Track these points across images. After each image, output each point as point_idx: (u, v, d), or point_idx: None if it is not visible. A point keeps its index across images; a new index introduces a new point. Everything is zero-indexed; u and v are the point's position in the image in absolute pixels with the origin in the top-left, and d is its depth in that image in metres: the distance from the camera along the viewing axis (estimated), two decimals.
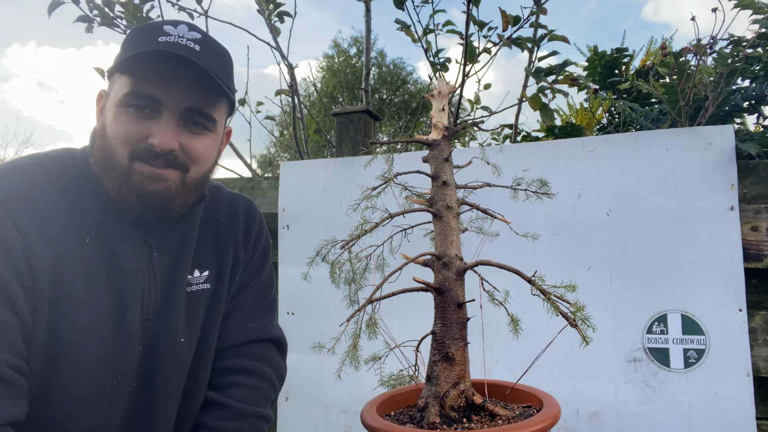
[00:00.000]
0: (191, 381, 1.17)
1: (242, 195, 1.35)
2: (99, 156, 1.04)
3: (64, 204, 1.02)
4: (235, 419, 1.16)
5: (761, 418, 1.55)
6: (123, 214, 1.06)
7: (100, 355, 1.02)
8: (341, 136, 2.21)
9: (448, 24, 2.34)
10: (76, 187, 1.05)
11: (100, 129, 1.06)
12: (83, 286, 1.01)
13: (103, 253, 1.04)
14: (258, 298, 1.30)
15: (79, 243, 1.02)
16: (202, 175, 1.11)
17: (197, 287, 1.17)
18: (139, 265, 1.08)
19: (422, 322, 1.22)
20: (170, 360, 1.11)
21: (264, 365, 1.26)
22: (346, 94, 15.50)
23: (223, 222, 1.26)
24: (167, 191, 1.04)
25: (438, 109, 1.18)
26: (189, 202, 1.10)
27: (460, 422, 1.00)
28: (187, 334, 1.14)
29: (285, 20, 2.52)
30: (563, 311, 0.99)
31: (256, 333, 1.27)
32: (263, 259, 1.33)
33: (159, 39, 1.01)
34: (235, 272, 1.24)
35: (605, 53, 2.43)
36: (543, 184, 1.23)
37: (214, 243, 1.22)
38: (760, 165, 1.62)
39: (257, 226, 1.31)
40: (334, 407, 1.91)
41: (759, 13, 1.88)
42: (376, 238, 1.16)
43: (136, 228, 1.08)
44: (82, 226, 1.03)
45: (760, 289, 1.62)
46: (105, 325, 1.02)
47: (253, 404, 1.20)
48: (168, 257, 1.13)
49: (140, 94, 1.01)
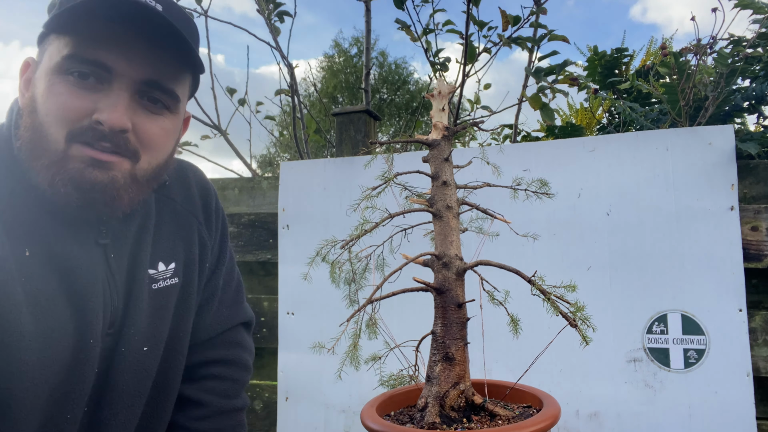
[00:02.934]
0: (158, 391, 1.02)
1: (184, 161, 1.14)
2: (27, 138, 0.81)
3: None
4: (213, 418, 1.08)
5: (761, 418, 1.55)
6: (66, 213, 0.85)
7: (53, 388, 0.84)
8: (341, 136, 2.21)
9: (449, 23, 2.34)
10: (3, 183, 0.83)
11: (28, 104, 0.82)
12: (30, 316, 0.80)
13: (50, 266, 0.83)
14: (226, 281, 1.18)
15: (18, 259, 0.80)
16: (155, 167, 0.91)
17: (164, 283, 1.00)
18: (97, 272, 0.89)
19: (422, 322, 1.22)
20: (132, 375, 0.94)
21: (240, 351, 1.18)
22: (346, 94, 15.50)
23: (179, 201, 1.06)
24: (113, 183, 0.83)
25: (438, 109, 1.18)
26: (138, 199, 0.90)
27: (460, 422, 1.00)
28: (153, 339, 0.98)
29: (285, 20, 2.52)
30: (563, 311, 0.99)
31: (231, 319, 1.18)
32: (224, 237, 1.17)
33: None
34: (204, 259, 1.09)
35: (605, 53, 2.43)
36: (543, 184, 1.23)
37: (175, 229, 1.04)
38: (760, 165, 1.62)
39: (214, 201, 1.14)
40: (334, 407, 1.91)
41: (759, 13, 1.88)
42: (376, 238, 1.16)
43: (85, 228, 0.89)
44: (19, 235, 0.81)
45: (760, 289, 1.62)
46: (62, 355, 0.84)
47: (231, 397, 1.12)
48: (126, 255, 0.95)
49: (84, 58, 0.79)
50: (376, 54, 15.66)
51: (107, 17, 0.78)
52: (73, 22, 0.78)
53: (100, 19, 0.78)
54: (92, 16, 0.78)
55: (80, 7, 0.76)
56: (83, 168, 0.81)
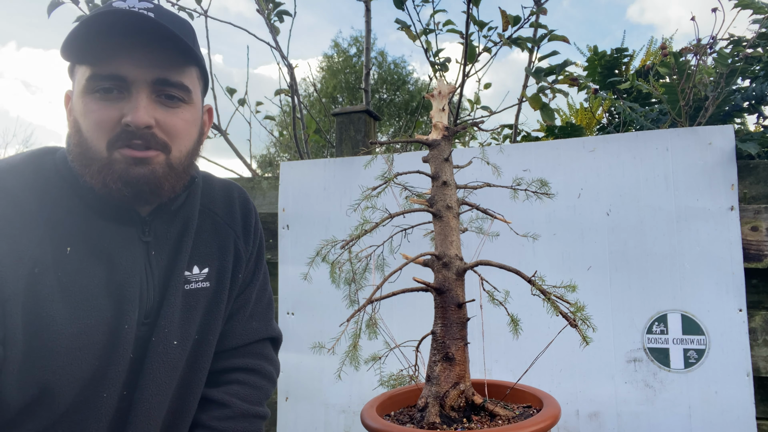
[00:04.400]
0: (184, 385, 1.11)
1: (233, 182, 1.28)
2: (77, 152, 0.96)
3: (40, 212, 0.94)
4: (236, 419, 1.14)
5: (761, 418, 1.55)
6: (114, 212, 1.00)
7: (92, 368, 0.96)
8: (341, 136, 2.21)
9: (449, 23, 2.34)
10: (55, 189, 0.97)
11: (73, 126, 0.98)
12: (63, 304, 0.93)
13: (90, 260, 0.97)
14: (259, 296, 1.27)
15: (57, 257, 0.94)
16: (186, 154, 1.03)
17: (196, 285, 1.11)
18: (136, 265, 1.01)
19: (422, 322, 1.22)
20: (161, 364, 1.04)
21: (266, 363, 1.24)
22: (345, 94, 15.50)
23: (220, 215, 1.19)
24: (153, 174, 0.96)
25: (438, 109, 1.18)
26: (179, 186, 1.03)
27: (460, 422, 1.00)
28: (182, 335, 1.08)
29: (284, 20, 2.52)
30: (563, 311, 0.99)
31: (260, 332, 1.25)
32: (260, 254, 1.28)
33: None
34: (237, 270, 1.18)
35: (605, 53, 2.43)
36: (543, 184, 1.23)
37: (213, 238, 1.16)
38: (760, 165, 1.62)
39: (254, 219, 1.25)
40: (334, 407, 1.91)
41: (759, 13, 1.88)
42: (376, 238, 1.16)
43: (130, 226, 1.02)
44: (63, 235, 0.95)
45: (760, 289, 1.62)
46: (98, 337, 0.96)
47: (254, 403, 1.17)
48: (166, 255, 1.07)
49: (102, 75, 0.93)
50: (375, 54, 15.66)
51: (110, 34, 0.92)
52: (87, 49, 0.93)
53: (105, 38, 0.92)
54: (99, 38, 0.92)
55: (87, 32, 0.91)
56: (127, 167, 0.94)
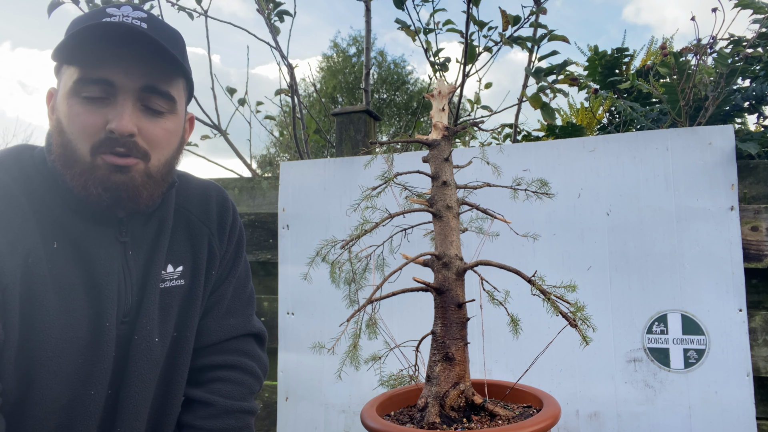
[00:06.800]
0: (166, 382, 1.13)
1: (212, 182, 1.29)
2: (59, 153, 0.98)
3: (29, 207, 0.96)
4: (220, 417, 1.14)
5: (761, 418, 1.55)
6: (92, 213, 1.01)
7: (77, 365, 0.98)
8: (341, 136, 2.21)
9: (449, 23, 2.34)
10: (38, 186, 0.99)
11: (56, 126, 0.99)
12: (55, 296, 0.96)
13: (73, 257, 0.99)
14: (236, 292, 1.27)
15: (47, 249, 0.96)
16: (165, 162, 1.04)
17: (171, 283, 1.12)
18: (114, 265, 1.03)
19: (422, 322, 1.22)
20: (145, 362, 1.06)
21: (247, 359, 1.23)
22: (345, 94, 15.50)
23: (195, 214, 1.20)
24: (132, 182, 0.98)
25: (438, 109, 1.17)
26: (157, 193, 1.05)
27: (460, 422, 1.00)
28: (161, 333, 1.10)
29: (284, 20, 2.52)
30: (563, 311, 0.99)
31: (237, 329, 1.24)
32: (238, 252, 1.28)
33: (103, 21, 0.95)
34: (211, 267, 1.20)
35: (606, 53, 2.43)
36: (543, 184, 1.23)
37: (187, 236, 1.17)
38: (760, 165, 1.62)
39: (231, 217, 1.25)
40: (333, 407, 1.91)
41: (759, 13, 1.88)
42: (376, 238, 1.16)
43: (108, 227, 1.03)
44: (50, 230, 0.98)
45: (760, 289, 1.62)
46: (82, 333, 0.98)
47: (238, 399, 1.17)
48: (143, 254, 1.09)
49: (91, 78, 0.94)
50: (375, 54, 15.65)
51: (103, 40, 0.94)
52: (79, 49, 0.94)
53: (97, 45, 0.94)
54: (91, 44, 0.93)
55: (80, 39, 0.92)
56: (108, 174, 0.96)
